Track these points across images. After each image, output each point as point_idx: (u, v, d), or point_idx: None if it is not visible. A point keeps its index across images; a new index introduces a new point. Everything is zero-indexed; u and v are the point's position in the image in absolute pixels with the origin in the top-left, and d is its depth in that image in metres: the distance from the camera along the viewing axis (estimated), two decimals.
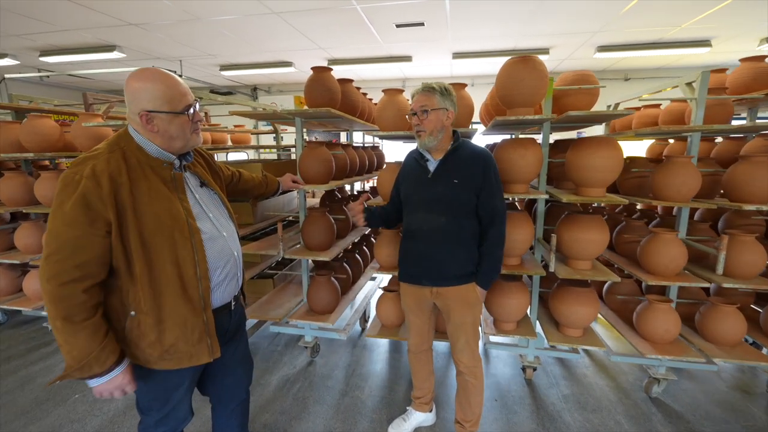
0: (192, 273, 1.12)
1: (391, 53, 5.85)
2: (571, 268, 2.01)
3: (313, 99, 2.12)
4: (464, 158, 1.58)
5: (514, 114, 1.93)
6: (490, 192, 1.56)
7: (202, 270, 1.14)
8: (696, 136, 2.00)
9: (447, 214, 1.57)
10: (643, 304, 2.08)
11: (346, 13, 4.18)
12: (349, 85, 2.49)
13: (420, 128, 1.57)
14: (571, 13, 4.30)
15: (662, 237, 1.94)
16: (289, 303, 2.56)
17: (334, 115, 2.12)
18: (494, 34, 4.93)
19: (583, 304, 2.02)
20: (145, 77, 1.05)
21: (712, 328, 2.00)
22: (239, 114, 2.27)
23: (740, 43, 5.36)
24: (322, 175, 2.15)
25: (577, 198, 1.84)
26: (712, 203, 1.87)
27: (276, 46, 5.41)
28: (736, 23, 4.58)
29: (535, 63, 1.83)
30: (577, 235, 1.93)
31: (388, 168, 2.19)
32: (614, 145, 1.80)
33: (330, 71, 2.15)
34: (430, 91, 1.54)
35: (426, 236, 1.60)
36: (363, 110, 2.69)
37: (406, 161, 1.77)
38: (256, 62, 6.37)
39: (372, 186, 3.82)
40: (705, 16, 4.34)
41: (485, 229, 1.60)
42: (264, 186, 1.85)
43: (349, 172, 2.66)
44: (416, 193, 1.64)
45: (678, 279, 1.91)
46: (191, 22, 4.40)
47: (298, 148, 2.28)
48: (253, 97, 8.62)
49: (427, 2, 3.90)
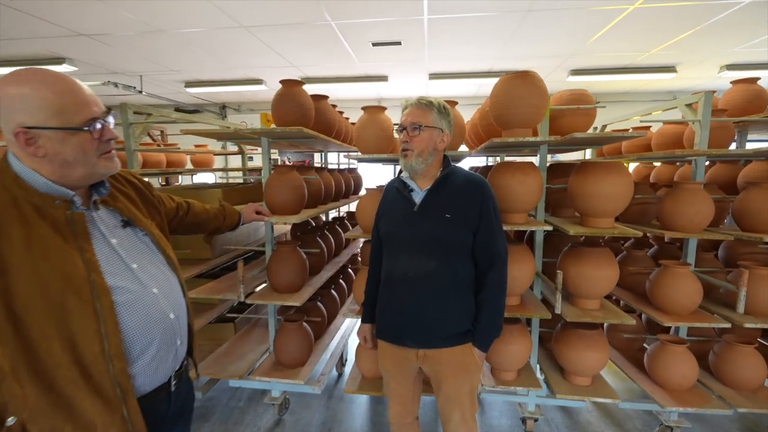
0: (98, 352, 0.79)
1: (366, 72, 5.69)
2: (577, 308, 1.78)
3: (281, 116, 1.83)
4: (457, 188, 1.32)
5: (511, 135, 1.71)
6: (489, 228, 1.30)
7: (113, 346, 0.80)
8: (701, 160, 1.86)
9: (438, 257, 1.29)
10: (654, 345, 1.86)
11: (320, 30, 3.98)
12: (324, 102, 2.23)
13: (407, 147, 1.30)
14: (547, 37, 4.30)
15: (675, 271, 1.75)
16: (253, 353, 2.18)
17: (307, 135, 1.83)
18: (470, 55, 4.87)
19: (593, 349, 1.78)
20: (22, 80, 0.73)
21: (730, 372, 1.81)
22: (191, 133, 1.95)
23: (702, 70, 5.58)
24: (293, 203, 1.84)
25: (585, 230, 1.63)
26: (726, 233, 1.70)
27: (245, 62, 5.13)
28: (699, 51, 4.73)
29: (534, 79, 1.64)
30: (584, 272, 1.71)
31: (368, 195, 1.91)
32: (623, 171, 1.61)
33: (301, 85, 1.87)
34: (426, 106, 1.29)
35: (411, 285, 1.31)
36: (339, 129, 2.43)
37: (386, 192, 1.49)
38: (223, 79, 6.04)
39: (349, 211, 3.53)
40: (671, 43, 4.46)
41: (483, 274, 1.32)
42: (220, 219, 1.53)
43: (324, 198, 2.36)
44: (399, 231, 1.35)
45: (695, 319, 1.71)
46: (152, 34, 4.05)
47: (265, 172, 1.97)
48: (222, 115, 8.23)
49: (405, 20, 3.76)
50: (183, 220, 1.36)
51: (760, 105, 2.11)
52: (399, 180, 1.42)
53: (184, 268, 2.20)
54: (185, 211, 1.36)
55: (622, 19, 3.74)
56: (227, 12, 3.51)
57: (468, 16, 3.66)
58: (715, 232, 1.72)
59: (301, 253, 1.95)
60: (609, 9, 3.50)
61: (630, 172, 1.61)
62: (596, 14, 3.62)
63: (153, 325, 0.90)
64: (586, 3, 3.37)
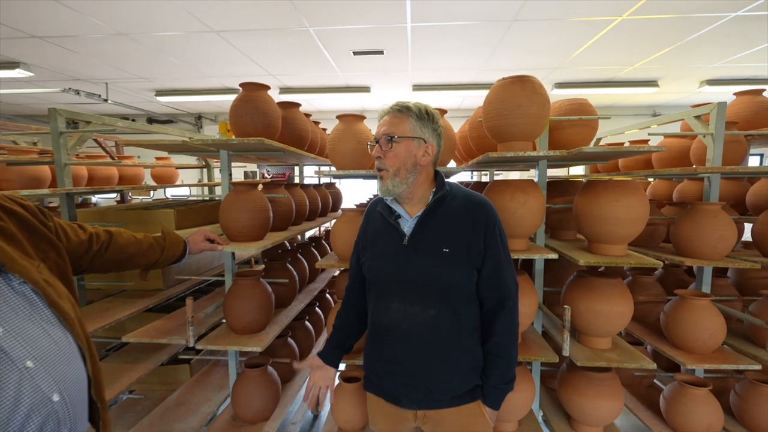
0: None
1: (348, 83, 5.49)
2: (587, 348, 1.54)
3: (241, 125, 1.55)
4: (455, 212, 1.07)
5: (508, 149, 1.48)
6: (497, 262, 1.06)
7: None
8: (715, 177, 1.68)
9: (437, 303, 1.03)
10: (672, 387, 1.63)
11: (298, 37, 3.75)
12: (295, 110, 1.96)
13: (380, 165, 1.06)
14: (531, 50, 4.20)
15: (694, 304, 1.54)
16: (209, 404, 1.84)
17: (271, 148, 1.56)
18: (454, 65, 4.73)
19: (606, 396, 1.53)
20: None
21: (757, 416, 1.59)
22: (132, 144, 1.65)
23: (683, 85, 5.62)
24: (254, 228, 1.55)
25: (596, 259, 1.40)
26: (752, 261, 1.50)
27: (220, 71, 4.84)
28: (680, 66, 4.73)
29: (535, 85, 1.42)
30: (594, 306, 1.47)
31: (345, 217, 1.64)
32: (639, 191, 1.40)
33: (266, 89, 1.61)
34: (401, 113, 1.05)
35: (406, 339, 1.05)
36: (315, 142, 2.16)
37: (368, 216, 1.23)
38: (197, 88, 5.72)
39: (328, 229, 3.24)
40: (654, 57, 4.43)
41: (490, 319, 1.07)
42: (157, 251, 1.23)
43: (296, 219, 2.08)
44: (386, 270, 1.09)
45: (719, 359, 1.49)
46: (118, 38, 3.73)
47: (224, 190, 1.68)
48: (198, 126, 7.87)
49: (387, 28, 3.57)
50: (101, 255, 1.06)
51: (766, 117, 1.97)
52: (383, 203, 1.15)
53: (129, 301, 1.88)
54: (104, 244, 1.06)
55: (608, 31, 3.66)
56: (198, 16, 3.25)
57: (452, 25, 3.50)
58: (740, 260, 1.52)
59: (266, 286, 1.65)
60: (596, 20, 3.41)
61: (645, 193, 1.40)
62: (582, 26, 3.52)
63: (21, 415, 0.61)
64: (574, 13, 3.26)
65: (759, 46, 4.02)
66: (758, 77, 5.10)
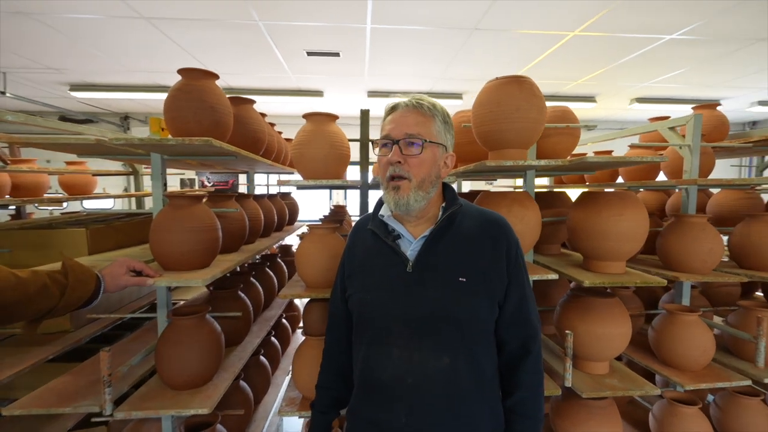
0: None
1: (300, 86, 5.16)
2: (587, 375, 1.41)
3: (181, 122, 1.22)
4: (470, 233, 0.87)
5: (503, 157, 1.32)
6: (522, 294, 0.87)
7: None
8: (692, 189, 1.67)
9: (452, 348, 0.82)
10: (662, 406, 1.57)
11: (246, 31, 3.38)
12: (249, 107, 1.65)
13: (401, 172, 0.83)
14: (489, 61, 4.23)
15: (684, 320, 1.48)
16: None
17: (221, 151, 1.25)
18: (413, 72, 4.64)
19: (609, 425, 1.41)
20: None
21: (738, 430, 1.57)
22: (37, 145, 1.24)
23: (616, 102, 6.08)
24: (198, 253, 1.21)
25: (603, 279, 1.28)
26: (740, 275, 1.49)
27: (151, 65, 4.26)
28: (616, 83, 5.09)
29: (533, 87, 1.28)
30: (595, 330, 1.35)
31: (314, 236, 1.37)
32: (639, 203, 1.31)
33: (213, 78, 1.29)
34: (430, 111, 0.84)
35: (411, 397, 0.81)
36: (271, 146, 1.86)
37: (356, 236, 0.99)
38: (122, 84, 5.02)
39: (282, 245, 2.88)
40: (595, 74, 4.71)
41: (513, 365, 0.88)
42: (53, 294, 0.87)
43: (250, 236, 1.75)
44: (382, 304, 0.86)
45: (714, 377, 1.45)
46: (17, 18, 3.07)
47: (156, 204, 1.32)
48: (124, 128, 6.96)
49: (345, 29, 3.35)
50: None
51: (723, 131, 2.05)
52: (377, 220, 0.92)
53: (20, 351, 1.41)
54: None
55: (560, 46, 3.78)
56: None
57: (414, 30, 3.38)
58: (730, 274, 1.50)
59: (213, 325, 1.31)
60: (551, 34, 3.49)
61: (644, 205, 1.31)
62: (538, 39, 3.59)
63: None
64: (533, 26, 3.30)
65: (679, 70, 4.43)
66: (678, 97, 5.67)
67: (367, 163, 1.56)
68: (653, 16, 3.10)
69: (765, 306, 1.54)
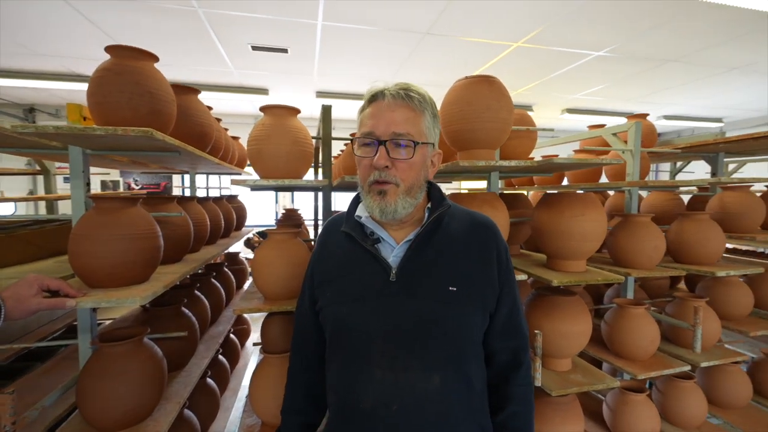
0: None
1: (243, 83, 4.85)
2: (553, 372, 1.44)
3: (110, 109, 1.02)
4: (458, 237, 0.81)
5: (472, 157, 1.30)
6: (513, 303, 0.83)
7: None
8: (635, 191, 1.80)
9: (445, 364, 0.74)
10: (615, 395, 1.66)
11: (183, 18, 3.07)
12: (194, 98, 1.46)
13: (387, 178, 0.74)
14: (439, 66, 4.31)
15: (633, 312, 1.58)
16: None
17: (163, 146, 1.06)
18: (364, 74, 4.59)
19: (573, 420, 1.45)
20: None
21: (678, 410, 1.71)
22: None
23: (550, 111, 6.58)
24: (135, 265, 1.02)
25: (569, 278, 1.31)
26: (676, 268, 1.62)
27: (64, 49, 3.71)
28: (549, 94, 5.51)
29: (502, 87, 1.28)
30: (560, 327, 1.38)
31: (272, 242, 1.23)
32: (599, 204, 1.36)
33: (151, 60, 1.10)
34: (420, 105, 0.75)
35: (398, 423, 0.72)
36: (219, 143, 1.67)
37: (325, 238, 0.88)
38: (26, 70, 4.32)
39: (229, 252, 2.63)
40: (533, 85, 5.05)
41: (503, 378, 0.83)
42: None
43: (195, 244, 1.54)
44: (360, 317, 0.77)
45: (661, 365, 1.55)
46: None
47: (76, 207, 1.10)
48: (29, 121, 6.01)
49: (295, 24, 3.19)
50: None
51: (653, 139, 2.26)
52: (352, 221, 0.82)
53: None
54: None
55: (505, 56, 3.98)
56: None
57: (367, 30, 3.32)
58: (671, 268, 1.63)
59: (153, 351, 1.11)
60: (498, 44, 3.65)
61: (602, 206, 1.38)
62: (486, 48, 3.73)
63: None
64: (482, 34, 3.41)
65: (602, 85, 4.91)
66: (600, 109, 6.28)
67: (330, 163, 1.45)
68: (584, 33, 3.38)
69: (699, 296, 1.70)
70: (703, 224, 1.65)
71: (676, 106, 5.99)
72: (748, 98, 5.45)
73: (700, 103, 5.79)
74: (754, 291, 1.82)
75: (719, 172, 2.18)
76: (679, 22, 3.11)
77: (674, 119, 6.56)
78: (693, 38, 3.45)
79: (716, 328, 1.66)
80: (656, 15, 3.01)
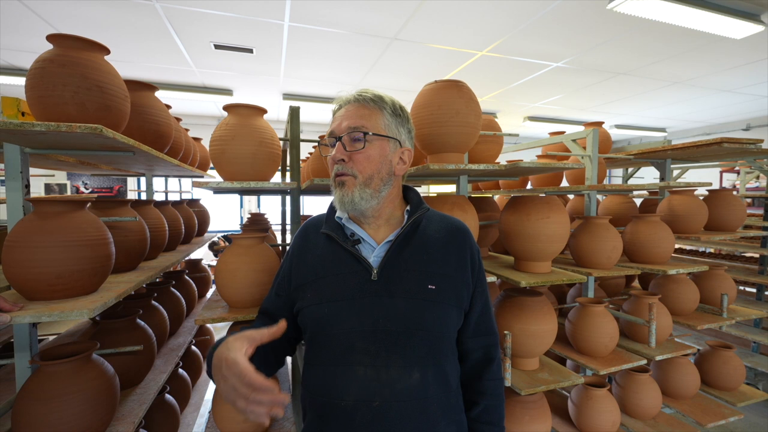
0: None
1: (205, 82, 4.66)
2: (521, 372, 1.47)
3: (52, 104, 0.92)
4: (435, 239, 0.83)
5: (442, 161, 1.31)
6: (485, 302, 0.86)
7: None
8: (593, 194, 1.89)
9: (424, 360, 0.75)
10: (579, 391, 1.72)
11: (138, 11, 2.91)
12: (150, 95, 1.37)
13: (344, 170, 0.76)
14: (406, 72, 4.35)
15: (594, 310, 1.66)
16: None
17: (115, 145, 0.98)
18: (331, 77, 4.55)
19: (540, 419, 1.48)
20: None
21: (635, 402, 1.81)
22: None
23: (512, 119, 6.83)
24: (83, 275, 0.93)
25: (537, 279, 1.34)
26: (635, 268, 1.71)
27: (5, 41, 3.40)
28: (512, 103, 5.73)
29: (471, 92, 1.30)
30: (528, 328, 1.41)
31: (238, 248, 1.18)
32: (562, 207, 1.41)
33: (102, 52, 1.02)
34: (374, 103, 0.78)
35: (381, 419, 0.71)
36: (178, 143, 1.58)
37: (303, 239, 0.87)
38: None
39: (189, 259, 2.49)
40: (496, 93, 5.23)
41: (476, 374, 0.86)
42: None
43: (152, 251, 1.44)
44: (343, 317, 0.76)
45: (620, 360, 1.63)
46: None
47: (12, 211, 0.99)
48: None
49: (260, 23, 3.11)
50: None
51: (608, 146, 2.39)
52: (333, 223, 0.82)
53: None
54: None
55: (470, 64, 4.09)
56: None
57: (335, 33, 3.30)
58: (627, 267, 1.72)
59: (103, 368, 1.02)
60: (464, 52, 3.74)
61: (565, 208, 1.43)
62: (452, 55, 3.82)
63: None
64: (449, 41, 3.48)
65: (560, 95, 5.17)
66: (558, 117, 6.61)
67: (298, 165, 1.41)
68: (543, 45, 3.54)
69: (653, 294, 1.80)
70: (655, 226, 1.76)
71: (626, 116, 6.42)
72: (690, 110, 5.94)
73: (647, 114, 6.23)
74: (700, 288, 1.96)
75: (667, 177, 2.34)
76: (627, 38, 3.34)
77: (624, 128, 7.02)
78: (640, 53, 3.71)
79: (668, 323, 1.77)
80: (604, 31, 3.21)
